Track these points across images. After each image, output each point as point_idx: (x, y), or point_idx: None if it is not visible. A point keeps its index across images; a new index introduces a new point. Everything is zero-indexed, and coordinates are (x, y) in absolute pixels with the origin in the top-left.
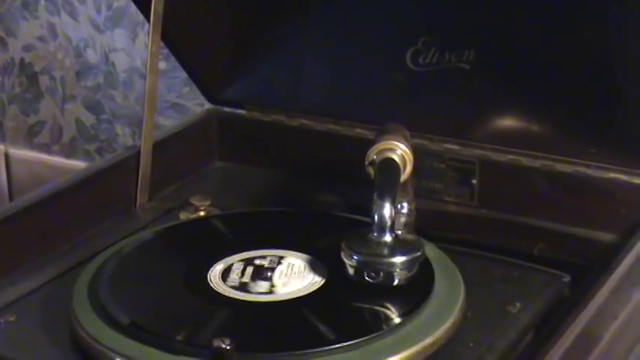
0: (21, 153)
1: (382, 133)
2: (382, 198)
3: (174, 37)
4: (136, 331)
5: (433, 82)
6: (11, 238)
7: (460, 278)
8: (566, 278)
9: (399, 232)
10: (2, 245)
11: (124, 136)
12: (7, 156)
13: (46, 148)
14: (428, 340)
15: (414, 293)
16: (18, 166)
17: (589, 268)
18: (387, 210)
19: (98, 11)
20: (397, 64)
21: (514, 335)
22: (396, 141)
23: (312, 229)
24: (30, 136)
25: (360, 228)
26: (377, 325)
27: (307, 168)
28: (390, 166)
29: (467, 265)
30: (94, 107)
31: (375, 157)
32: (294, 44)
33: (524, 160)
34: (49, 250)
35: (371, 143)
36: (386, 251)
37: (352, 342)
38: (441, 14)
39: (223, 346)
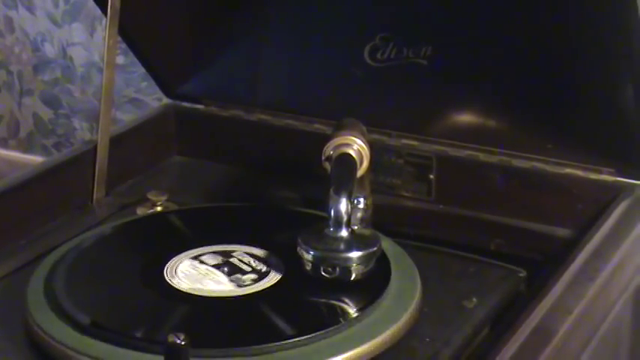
0: None
1: (339, 128)
2: (338, 193)
3: (132, 31)
4: (91, 328)
5: (391, 78)
6: None
7: (417, 273)
8: (522, 273)
9: (356, 227)
10: None
11: (81, 130)
12: None
13: (2, 143)
14: (384, 335)
15: (371, 288)
16: None
17: (545, 263)
18: (343, 205)
19: (56, 5)
20: (355, 59)
21: (470, 330)
22: (353, 136)
23: (270, 224)
24: None
25: (316, 223)
26: (333, 319)
27: (265, 163)
28: (346, 162)
29: (424, 261)
30: (51, 102)
31: (331, 152)
32: (253, 39)
33: (482, 156)
34: (4, 244)
35: (329, 139)
36: (342, 246)
37: (308, 336)
38: (399, 10)
39: (178, 341)
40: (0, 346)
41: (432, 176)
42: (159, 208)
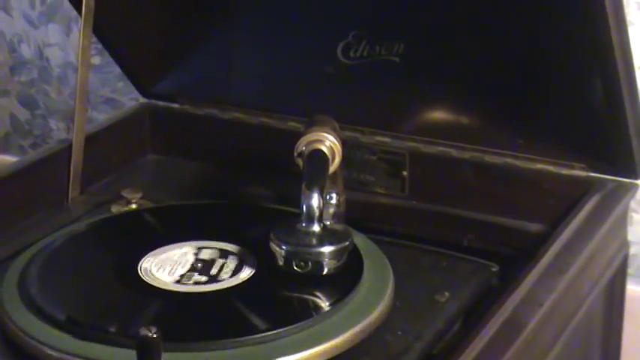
0: None
1: (311, 124)
2: (310, 188)
3: (107, 30)
4: (64, 323)
5: (364, 75)
6: None
7: (389, 267)
8: (495, 268)
9: (328, 222)
10: None
11: (58, 131)
12: None
13: None
14: (356, 328)
15: (343, 282)
16: None
17: (517, 258)
18: (315, 200)
19: (32, 6)
20: (328, 57)
21: (442, 324)
22: (325, 132)
23: (243, 220)
24: None
25: (289, 218)
26: (305, 313)
27: (239, 161)
28: (318, 158)
29: (396, 255)
30: (28, 102)
31: (303, 148)
32: (226, 38)
33: (454, 152)
34: None
35: (301, 135)
36: (314, 241)
37: (280, 330)
38: (371, 8)
39: (150, 334)
40: None
41: (405, 172)
42: (133, 206)
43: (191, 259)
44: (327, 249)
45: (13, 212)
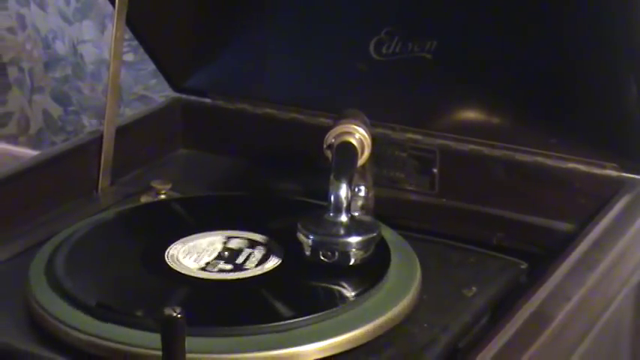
0: None
1: (341, 117)
2: (338, 179)
3: (140, 24)
4: (91, 307)
5: (396, 72)
6: None
7: (417, 260)
8: (524, 265)
9: (356, 213)
10: None
11: (90, 127)
12: None
13: (13, 140)
14: (382, 319)
15: (370, 273)
16: None
17: (547, 257)
18: (343, 191)
19: (67, 3)
20: (360, 53)
21: (469, 318)
22: (355, 125)
23: (271, 212)
24: None
25: (316, 209)
26: (331, 302)
27: (269, 156)
28: (347, 149)
29: (424, 251)
30: (61, 99)
31: (333, 140)
32: (259, 33)
33: (485, 150)
34: (8, 230)
35: (331, 127)
36: (341, 231)
37: (305, 318)
38: (404, 4)
39: (174, 314)
40: (3, 326)
41: (435, 170)
42: (162, 197)
43: (218, 247)
44: (354, 239)
45: (42, 201)
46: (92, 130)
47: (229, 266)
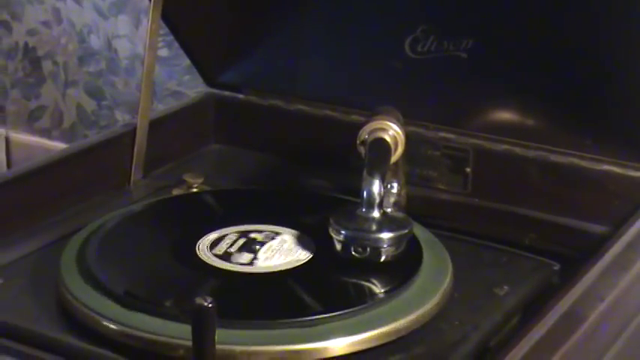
0: (21, 137)
1: (375, 114)
2: (371, 174)
3: (175, 18)
4: (121, 296)
5: (431, 70)
6: (3, 205)
7: (448, 258)
8: (556, 266)
9: (388, 210)
10: None
11: (123, 122)
12: (7, 140)
13: (46, 133)
14: (412, 316)
15: (401, 270)
16: (18, 150)
17: (580, 259)
18: (376, 186)
19: None
20: (396, 51)
21: (500, 316)
22: (389, 121)
23: (302, 207)
24: (31, 121)
25: (349, 204)
26: (361, 298)
27: (302, 153)
28: (380, 146)
29: (456, 250)
30: (95, 93)
31: (366, 136)
32: (294, 29)
33: (519, 150)
34: (39, 220)
35: (364, 123)
36: (373, 227)
37: (335, 314)
38: (440, 2)
39: (205, 303)
40: (34, 315)
41: (468, 169)
42: (194, 190)
43: (249, 241)
44: (386, 235)
45: (74, 192)
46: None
47: (260, 259)
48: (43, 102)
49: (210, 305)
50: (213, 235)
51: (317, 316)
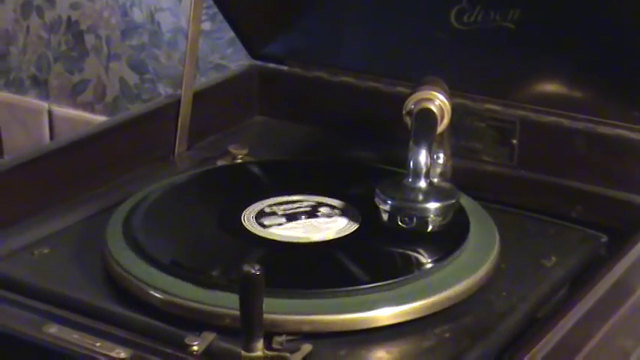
0: (64, 111)
1: (420, 84)
2: (418, 144)
3: None
4: (167, 264)
5: (477, 41)
6: (48, 175)
7: (495, 229)
8: (604, 238)
9: (435, 180)
10: (39, 181)
11: (166, 95)
12: (50, 114)
13: (89, 107)
14: (460, 286)
15: (448, 240)
16: (61, 124)
17: (627, 231)
18: (423, 156)
19: None
20: (441, 22)
21: (548, 288)
22: (435, 91)
23: (348, 177)
24: (74, 95)
25: (395, 175)
26: (408, 268)
27: (347, 125)
28: (427, 116)
29: (502, 220)
30: (137, 67)
31: (412, 106)
32: (338, 1)
33: (566, 122)
34: (84, 190)
35: (410, 93)
36: (420, 197)
37: (382, 283)
38: None
39: (253, 271)
40: (80, 284)
41: (514, 141)
42: (239, 162)
43: (295, 211)
44: (432, 205)
45: (118, 163)
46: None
47: (306, 230)
48: (86, 76)
49: (258, 272)
50: (258, 206)
51: (363, 286)
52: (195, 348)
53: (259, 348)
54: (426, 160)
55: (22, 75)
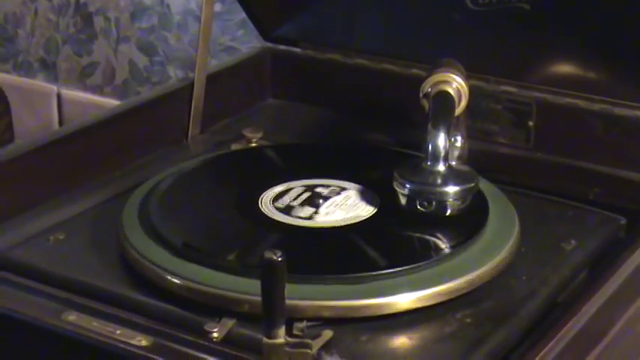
0: (73, 94)
1: (437, 66)
2: (437, 127)
3: None
4: (183, 249)
5: (492, 22)
6: (62, 160)
7: (514, 212)
8: (623, 221)
9: (453, 163)
10: (53, 166)
11: (176, 78)
12: (59, 97)
13: (98, 90)
14: (479, 271)
15: (467, 224)
16: (70, 106)
17: None
18: (442, 140)
19: None
20: (456, 3)
21: (568, 271)
22: (452, 74)
23: (365, 161)
24: (83, 77)
25: (413, 158)
26: (428, 253)
27: (361, 107)
28: (445, 99)
29: (520, 204)
30: (147, 49)
31: (429, 89)
32: None
33: (583, 104)
34: (99, 174)
35: (427, 76)
36: (439, 180)
37: (402, 268)
38: None
39: (275, 257)
40: (96, 269)
41: (531, 123)
42: (254, 145)
43: (313, 195)
44: (452, 189)
45: (132, 148)
46: (182, 78)
47: (324, 214)
48: (95, 58)
49: (280, 259)
50: (275, 190)
51: (383, 272)
52: (215, 335)
53: (281, 335)
54: (445, 144)
55: (31, 58)
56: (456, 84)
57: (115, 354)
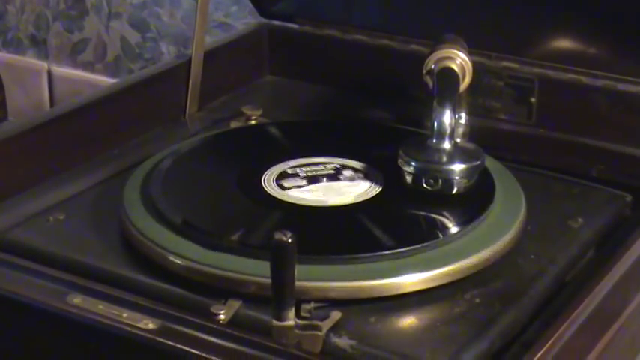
0: (64, 71)
1: (440, 42)
2: (442, 104)
3: None
4: (186, 229)
5: None
6: (60, 138)
7: (521, 190)
8: (628, 198)
9: (458, 140)
10: (51, 146)
11: (168, 55)
12: (50, 73)
13: (89, 67)
14: (487, 250)
15: (474, 203)
16: (61, 83)
17: None
18: (448, 117)
19: None
20: None
21: (576, 250)
22: (456, 50)
23: (369, 138)
24: (73, 54)
25: (418, 135)
26: (435, 232)
27: (360, 84)
28: (449, 75)
29: (525, 182)
30: (139, 25)
31: (433, 66)
32: None
33: (585, 79)
34: (97, 153)
35: (430, 52)
36: (445, 158)
37: (409, 248)
38: None
39: (284, 238)
40: (98, 250)
41: (533, 99)
42: (253, 122)
43: (317, 174)
44: (458, 167)
45: (130, 126)
46: (179, 54)
47: (329, 193)
48: (86, 35)
49: (290, 240)
50: (279, 168)
51: (393, 251)
52: (222, 317)
53: (290, 317)
54: (451, 121)
55: (21, 35)
56: (459, 60)
57: (123, 337)
